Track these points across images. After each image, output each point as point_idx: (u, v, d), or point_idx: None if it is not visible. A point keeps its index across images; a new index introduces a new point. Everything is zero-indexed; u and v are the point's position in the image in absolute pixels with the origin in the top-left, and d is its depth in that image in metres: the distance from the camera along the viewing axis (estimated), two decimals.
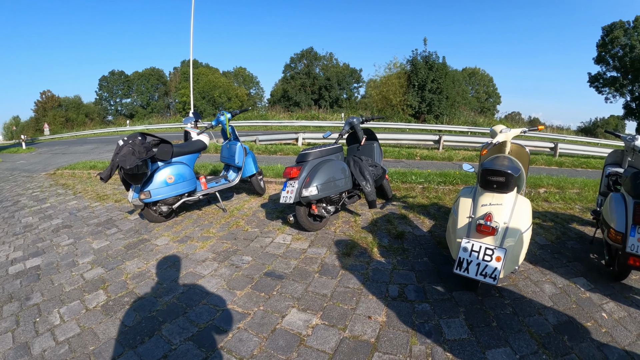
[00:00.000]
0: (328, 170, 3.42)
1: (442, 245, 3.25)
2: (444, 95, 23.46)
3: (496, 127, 3.07)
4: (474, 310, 2.34)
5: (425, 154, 9.72)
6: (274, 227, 3.57)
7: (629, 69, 31.29)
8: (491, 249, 2.05)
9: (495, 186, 2.21)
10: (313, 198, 3.34)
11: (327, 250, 3.07)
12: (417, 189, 5.23)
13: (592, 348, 2.11)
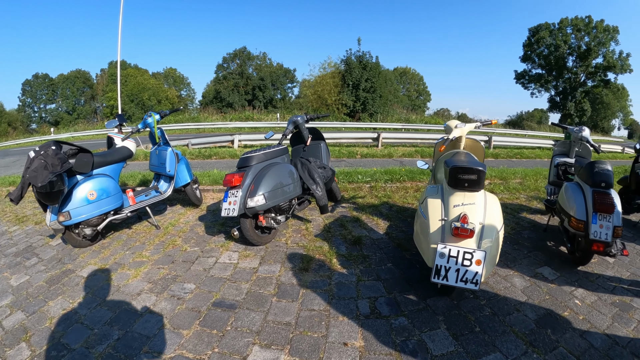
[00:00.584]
0: (275, 175, 3.10)
1: (403, 248, 3.19)
2: (378, 94, 25.54)
3: (450, 122, 3.16)
4: (454, 317, 2.25)
5: (365, 151, 10.11)
6: (217, 244, 3.14)
7: (553, 66, 37.26)
8: (470, 252, 2.00)
9: (467, 185, 2.18)
10: (260, 208, 2.96)
11: (282, 266, 2.74)
12: (364, 188, 5.24)
13: (576, 337, 2.15)
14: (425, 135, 13.42)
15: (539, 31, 37.26)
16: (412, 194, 5.04)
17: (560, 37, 36.15)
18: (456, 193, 2.23)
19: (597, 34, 34.88)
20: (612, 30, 34.56)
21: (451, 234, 2.09)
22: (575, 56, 36.29)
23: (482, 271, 2.00)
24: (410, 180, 5.58)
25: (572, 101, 36.91)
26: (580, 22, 35.44)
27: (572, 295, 2.62)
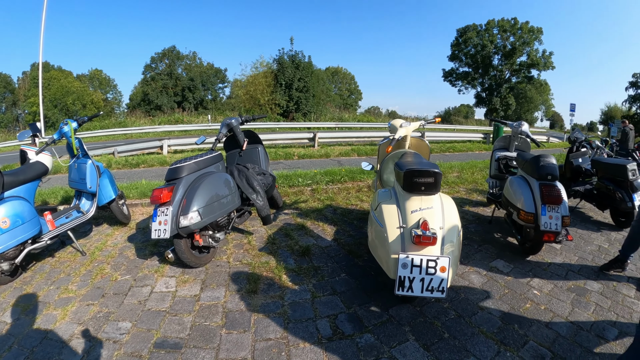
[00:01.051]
0: (210, 187, 2.79)
1: (355, 255, 3.12)
2: (311, 93, 26.51)
3: (395, 121, 3.19)
4: (420, 326, 2.19)
5: (302, 152, 10.14)
6: (150, 269, 2.80)
7: (479, 64, 40.95)
8: (434, 260, 1.99)
9: (424, 188, 2.18)
10: (195, 227, 2.64)
11: (226, 290, 2.50)
12: (306, 191, 5.17)
13: (543, 328, 2.23)
14: (361, 133, 14.02)
15: (467, 32, 41.38)
16: (355, 195, 5.09)
17: (487, 37, 40.53)
18: (412, 197, 2.21)
19: (522, 35, 39.69)
20: (537, 31, 39.46)
21: (412, 242, 2.05)
22: (501, 55, 41.04)
23: (448, 277, 2.00)
24: (351, 180, 5.64)
25: (497, 96, 41.72)
26: (507, 24, 40.01)
27: (529, 286, 2.75)
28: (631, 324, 2.34)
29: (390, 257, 2.08)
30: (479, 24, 40.80)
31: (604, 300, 2.61)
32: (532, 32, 38.89)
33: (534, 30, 38.90)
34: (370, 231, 2.49)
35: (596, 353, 2.05)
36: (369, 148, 11.42)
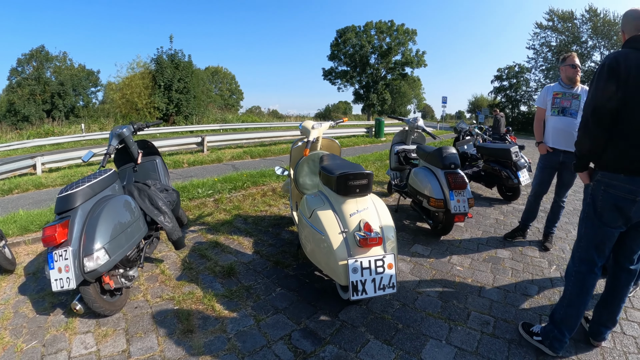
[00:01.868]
0: (111, 216, 2.42)
1: (282, 265, 3.14)
2: (192, 94, 26.16)
3: (306, 123, 3.35)
4: (373, 323, 2.34)
5: (192, 159, 9.67)
6: (58, 328, 2.34)
7: (358, 63, 46.00)
8: (380, 259, 2.17)
9: (358, 190, 2.36)
10: (105, 269, 2.25)
11: (157, 336, 2.27)
12: (209, 203, 4.93)
13: (477, 298, 2.66)
14: (252, 135, 13.99)
15: (346, 33, 46.20)
16: (261, 200, 5.09)
17: (365, 38, 45.88)
18: (348, 200, 2.37)
19: (398, 36, 46.08)
20: (411, 33, 46.17)
21: (357, 245, 2.20)
22: (378, 54, 46.97)
23: (395, 272, 2.20)
24: (254, 185, 5.63)
25: (374, 93, 47.74)
26: (384, 26, 45.87)
27: (451, 264, 3.23)
28: (545, 279, 3.00)
29: (339, 264, 2.17)
30: (358, 26, 45.96)
31: (517, 264, 3.27)
32: (407, 34, 45.37)
33: (409, 32, 45.43)
34: (308, 240, 2.54)
35: (527, 309, 2.56)
36: (261, 149, 11.49)
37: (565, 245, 3.77)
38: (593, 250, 2.02)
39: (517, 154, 5.25)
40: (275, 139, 14.22)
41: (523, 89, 37.17)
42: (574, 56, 3.35)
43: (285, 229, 3.89)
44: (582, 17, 31.51)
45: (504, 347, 2.15)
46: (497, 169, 5.34)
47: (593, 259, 2.02)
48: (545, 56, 34.31)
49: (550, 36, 33.91)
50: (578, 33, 31.87)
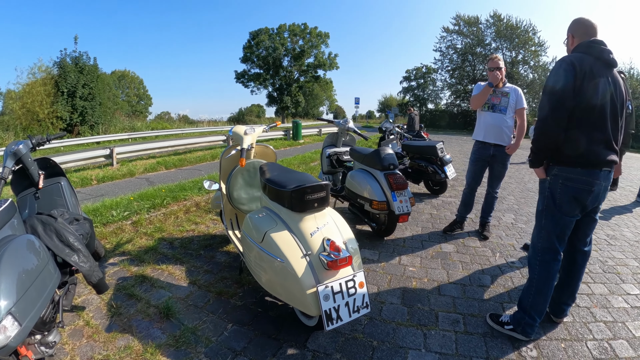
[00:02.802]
0: (13, 265, 1.76)
1: (227, 294, 2.75)
2: (98, 101, 23.53)
3: (238, 129, 3.02)
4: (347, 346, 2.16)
5: (101, 174, 8.53)
6: None
7: (271, 66, 45.79)
8: (351, 279, 1.97)
9: (316, 204, 2.12)
10: (17, 341, 1.66)
11: None
12: (126, 227, 4.20)
13: (439, 297, 2.67)
14: (163, 143, 12.76)
15: (259, 35, 45.96)
16: (185, 218, 4.54)
17: (278, 40, 46.12)
18: (305, 217, 2.11)
19: (311, 39, 47.14)
20: (324, 36, 47.50)
21: (325, 268, 1.95)
22: (291, 57, 47.55)
23: (366, 291, 2.02)
24: (175, 201, 5.03)
25: (288, 95, 48.28)
26: (297, 28, 46.64)
27: (403, 265, 3.21)
28: (494, 267, 3.14)
29: (306, 293, 1.90)
30: (272, 28, 46.28)
31: (464, 257, 3.37)
32: (320, 37, 46.67)
33: (322, 35, 46.76)
34: (262, 269, 2.22)
35: (488, 299, 2.63)
36: (175, 159, 10.61)
37: (500, 232, 4.05)
38: (555, 239, 2.17)
39: (442, 150, 5.57)
40: (190, 146, 13.29)
41: (430, 89, 41.21)
42: (497, 59, 3.58)
43: (219, 250, 3.48)
44: (486, 22, 35.88)
45: (481, 342, 2.18)
46: (423, 165, 5.63)
47: (556, 247, 2.18)
48: (451, 58, 38.37)
49: (456, 39, 37.87)
50: (482, 36, 36.14)
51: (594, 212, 2.25)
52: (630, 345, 2.28)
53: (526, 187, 6.95)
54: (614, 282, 3.09)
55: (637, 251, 3.91)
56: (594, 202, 2.14)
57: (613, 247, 3.95)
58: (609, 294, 2.87)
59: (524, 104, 3.57)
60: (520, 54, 34.66)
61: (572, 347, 2.21)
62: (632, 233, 4.52)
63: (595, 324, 2.45)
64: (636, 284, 3.11)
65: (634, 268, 3.42)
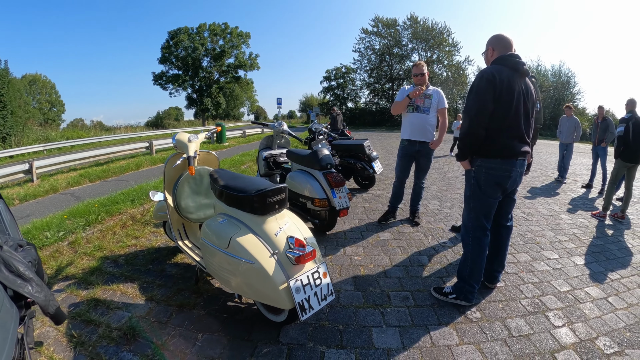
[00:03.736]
0: None
1: (189, 306, 2.70)
2: (9, 110, 19.91)
3: (181, 135, 3.00)
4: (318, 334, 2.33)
5: (22, 192, 7.54)
6: None
7: (190, 66, 44.80)
8: (316, 270, 2.19)
9: (277, 206, 2.28)
10: None
11: None
12: (64, 249, 3.83)
13: (386, 279, 3.00)
14: (83, 154, 11.58)
15: (178, 34, 43.75)
16: (124, 233, 4.30)
17: (198, 40, 44.43)
18: (268, 219, 2.26)
19: (232, 38, 46.06)
20: (245, 36, 46.69)
21: (292, 264, 2.13)
22: (211, 57, 45.94)
23: (330, 278, 2.25)
24: (109, 216, 4.73)
25: (208, 97, 46.55)
26: (217, 28, 45.21)
27: (348, 256, 3.49)
28: (429, 248, 3.60)
29: (279, 289, 2.05)
30: (191, 27, 44.34)
31: (400, 242, 3.78)
32: (240, 37, 45.89)
33: (242, 35, 46.04)
34: (231, 274, 2.28)
35: (429, 275, 3.05)
36: (99, 170, 9.76)
37: (429, 217, 4.59)
38: (482, 218, 2.61)
39: (370, 147, 6.04)
40: (112, 155, 12.30)
41: (350, 88, 42.59)
42: (421, 66, 4.00)
43: (168, 263, 3.38)
44: (404, 24, 38.24)
45: (431, 312, 2.56)
46: (352, 162, 6.06)
47: (484, 225, 2.62)
48: (369, 58, 40.09)
49: (374, 40, 39.61)
50: (400, 37, 38.37)
51: (512, 193, 2.75)
52: (558, 299, 2.84)
53: (446, 177, 7.85)
54: (535, 250, 3.76)
55: (552, 224, 4.74)
56: (512, 185, 2.62)
57: (530, 222, 4.75)
58: (533, 260, 3.50)
59: (445, 104, 4.06)
60: (435, 54, 37.94)
61: (509, 305, 2.69)
62: (545, 209, 5.43)
63: (524, 285, 3.02)
64: (555, 250, 3.82)
65: (551, 237, 4.18)
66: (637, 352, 2.32)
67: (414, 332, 2.34)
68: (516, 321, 2.52)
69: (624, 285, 3.21)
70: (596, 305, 2.82)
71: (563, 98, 39.25)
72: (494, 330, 2.41)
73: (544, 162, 11.46)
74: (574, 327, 2.50)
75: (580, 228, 4.65)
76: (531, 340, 2.32)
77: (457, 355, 2.15)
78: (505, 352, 2.20)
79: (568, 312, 2.68)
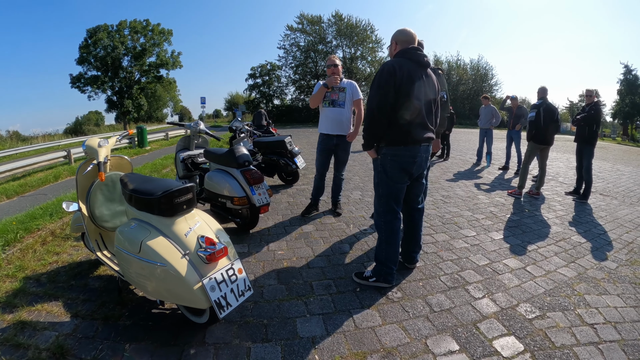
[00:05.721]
0: None
1: (114, 317, 2.57)
2: None
3: (91, 141, 2.89)
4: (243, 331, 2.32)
5: None
6: None
7: (109, 67, 41.20)
8: (230, 267, 2.20)
9: (185, 206, 2.26)
10: None
11: None
12: None
13: (309, 270, 3.05)
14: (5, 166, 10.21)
15: (97, 32, 39.97)
16: (44, 250, 3.85)
17: (118, 38, 41.05)
18: (177, 220, 2.24)
19: (153, 36, 43.12)
20: (167, 33, 43.88)
21: (204, 263, 2.12)
22: (131, 56, 42.62)
23: (246, 274, 2.29)
24: (28, 233, 4.27)
25: (129, 99, 43.20)
26: (139, 25, 41.98)
27: (272, 251, 3.48)
28: (350, 236, 3.72)
29: (193, 289, 2.03)
30: (111, 25, 40.92)
31: (322, 232, 3.87)
32: (162, 34, 43.26)
33: (164, 32, 43.40)
34: (146, 278, 2.21)
35: (351, 261, 3.16)
36: (15, 185, 8.54)
37: (351, 207, 4.76)
38: (392, 202, 2.73)
39: (291, 143, 6.10)
40: (29, 168, 10.85)
41: (275, 85, 42.07)
42: (333, 58, 4.08)
43: (91, 276, 3.17)
44: (328, 21, 38.50)
45: (354, 297, 2.64)
46: (275, 159, 6.07)
47: (394, 209, 2.74)
48: (294, 55, 39.83)
49: (299, 37, 39.46)
50: (324, 34, 38.61)
51: (420, 177, 2.86)
52: (477, 272, 3.03)
53: (369, 167, 8.09)
54: (453, 230, 4.03)
55: (470, 204, 5.11)
56: (418, 170, 2.73)
57: (448, 204, 5.08)
58: (451, 239, 3.75)
59: (359, 95, 4.16)
60: (359, 51, 39.05)
61: (429, 283, 2.83)
62: (463, 191, 5.83)
63: (443, 263, 3.20)
64: (472, 228, 4.11)
65: (469, 217, 4.51)
66: (559, 314, 2.52)
67: (337, 317, 2.40)
68: (437, 297, 2.65)
69: (542, 254, 3.50)
70: (515, 275, 3.03)
71: (481, 89, 42.99)
72: (416, 307, 2.52)
73: (464, 148, 12.46)
74: (494, 297, 2.66)
75: (497, 206, 5.11)
76: (453, 314, 2.44)
77: (380, 335, 2.22)
78: (427, 327, 2.30)
79: (487, 284, 2.86)
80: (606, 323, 2.46)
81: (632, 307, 2.72)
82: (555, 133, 5.91)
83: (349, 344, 2.15)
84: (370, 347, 2.13)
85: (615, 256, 3.64)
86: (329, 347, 2.12)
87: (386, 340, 2.18)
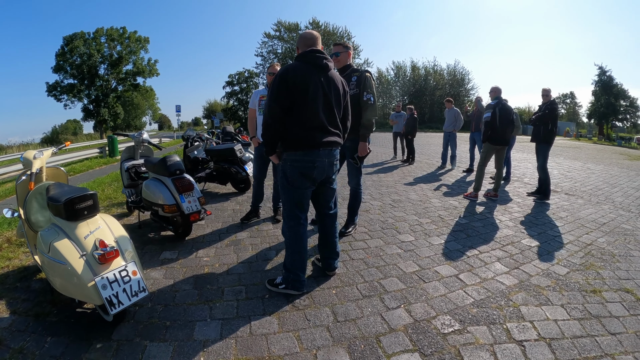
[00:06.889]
0: None
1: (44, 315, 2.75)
2: None
3: (27, 153, 3.11)
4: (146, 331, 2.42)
5: None
6: None
7: (86, 75, 41.64)
8: (123, 269, 2.38)
9: (86, 212, 2.51)
10: None
11: None
12: None
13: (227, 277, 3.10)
14: None
15: (74, 40, 40.01)
16: None
17: (95, 46, 41.24)
18: (79, 224, 2.49)
19: (130, 44, 43.27)
20: (144, 40, 44.07)
21: (98, 263, 2.34)
22: (108, 64, 42.68)
23: (142, 277, 2.44)
24: None
25: (105, 107, 42.91)
26: (115, 33, 42.17)
27: (199, 257, 3.53)
28: (281, 242, 3.73)
29: (88, 286, 2.26)
30: (87, 32, 41.11)
31: (255, 239, 3.94)
32: (139, 42, 43.36)
33: (141, 40, 43.55)
34: (55, 275, 2.48)
35: (272, 268, 3.21)
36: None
37: None
38: (295, 208, 2.73)
39: (242, 150, 6.18)
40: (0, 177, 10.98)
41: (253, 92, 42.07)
42: (275, 65, 4.16)
43: (34, 279, 3.37)
44: (306, 28, 38.62)
45: (259, 303, 2.69)
46: (226, 167, 6.13)
47: (297, 214, 2.74)
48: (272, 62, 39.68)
49: (277, 44, 39.50)
50: None
51: (328, 182, 2.85)
52: (400, 280, 2.93)
53: None
54: (391, 235, 3.97)
55: (419, 208, 5.06)
56: (321, 175, 2.70)
57: (396, 209, 5.03)
58: (384, 245, 3.69)
59: None
60: None
61: (343, 291, 2.79)
62: (417, 195, 5.79)
63: (367, 270, 3.14)
64: (412, 233, 4.04)
65: (413, 221, 4.45)
66: (482, 328, 2.33)
67: (235, 323, 2.46)
68: (346, 306, 2.60)
69: (482, 260, 3.36)
70: (443, 284, 2.88)
71: (459, 94, 43.52)
72: (319, 316, 2.50)
73: (433, 152, 12.54)
74: (410, 308, 2.54)
75: (448, 210, 5.03)
76: (357, 325, 2.38)
77: (271, 343, 2.24)
78: (324, 337, 2.27)
79: (408, 293, 2.74)
80: (539, 340, 2.26)
81: (576, 319, 2.52)
82: (512, 133, 5.96)
83: (237, 349, 2.21)
84: (257, 354, 2.15)
85: (568, 260, 3.49)
86: (217, 351, 2.20)
87: (275, 349, 2.19)
